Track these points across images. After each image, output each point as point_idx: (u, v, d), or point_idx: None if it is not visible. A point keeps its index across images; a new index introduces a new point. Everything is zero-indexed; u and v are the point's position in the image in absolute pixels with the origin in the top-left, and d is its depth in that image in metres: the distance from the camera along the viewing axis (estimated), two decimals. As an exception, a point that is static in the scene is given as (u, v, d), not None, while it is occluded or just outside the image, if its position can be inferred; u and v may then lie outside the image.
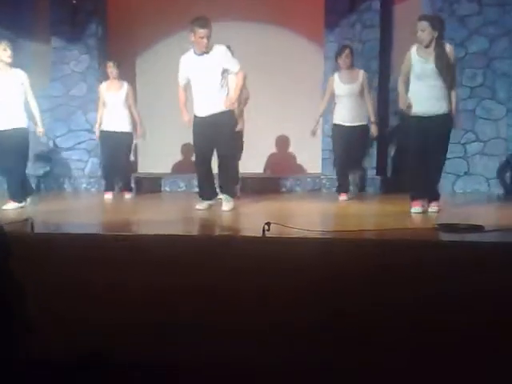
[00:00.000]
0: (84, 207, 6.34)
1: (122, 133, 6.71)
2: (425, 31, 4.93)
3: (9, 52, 5.61)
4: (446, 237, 4.04)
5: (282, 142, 8.20)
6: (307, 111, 7.73)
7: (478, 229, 4.09)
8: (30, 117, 5.81)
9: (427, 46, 4.97)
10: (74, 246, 3.62)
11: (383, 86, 7.25)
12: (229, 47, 5.50)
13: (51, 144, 7.75)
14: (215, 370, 1.69)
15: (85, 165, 7.77)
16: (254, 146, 6.87)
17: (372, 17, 7.23)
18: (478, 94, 6.85)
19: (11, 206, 5.60)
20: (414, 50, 5.06)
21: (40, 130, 5.91)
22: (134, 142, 6.99)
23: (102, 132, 6.79)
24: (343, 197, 6.36)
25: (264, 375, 1.66)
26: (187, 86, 5.46)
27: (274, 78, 7.64)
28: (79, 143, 7.74)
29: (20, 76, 5.69)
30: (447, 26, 5.52)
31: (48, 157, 7.75)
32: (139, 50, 8.15)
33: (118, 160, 6.76)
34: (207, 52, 5.23)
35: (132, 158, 7.33)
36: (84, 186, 7.69)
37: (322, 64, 7.40)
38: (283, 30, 7.87)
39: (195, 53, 5.29)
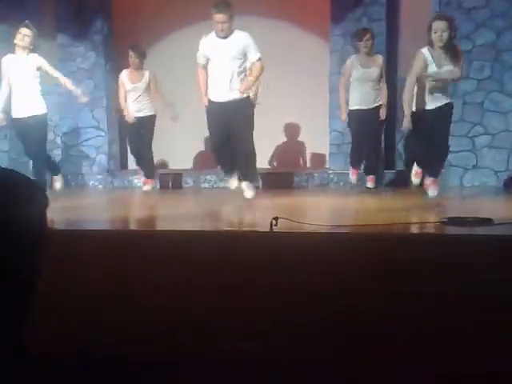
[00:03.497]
0: (93, 203, 6.36)
1: (143, 117, 6.65)
2: (445, 32, 4.90)
3: (28, 37, 5.59)
4: (454, 230, 4.02)
5: (288, 136, 8.18)
6: (313, 105, 7.72)
7: (486, 222, 4.06)
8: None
9: (442, 47, 4.93)
10: (84, 243, 3.63)
11: (390, 80, 7.21)
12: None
13: (58, 141, 7.77)
14: (225, 365, 1.68)
15: (92, 162, 7.78)
16: (259, 141, 6.85)
17: (378, 10, 7.19)
18: (486, 87, 6.80)
19: None
20: (426, 53, 5.01)
21: (83, 98, 5.93)
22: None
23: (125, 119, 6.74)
24: (353, 176, 6.29)
25: (279, 371, 1.66)
26: (206, 68, 5.37)
27: (279, 72, 7.61)
28: (86, 140, 7.75)
29: (35, 60, 5.68)
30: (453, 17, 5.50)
31: (55, 154, 7.77)
32: (145, 46, 8.14)
33: (141, 145, 6.71)
34: (227, 36, 5.20)
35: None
36: (92, 182, 7.71)
37: (327, 58, 7.37)
38: (288, 23, 7.84)
39: (216, 35, 5.25)
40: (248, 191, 5.38)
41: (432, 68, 4.97)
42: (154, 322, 2.05)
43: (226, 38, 5.23)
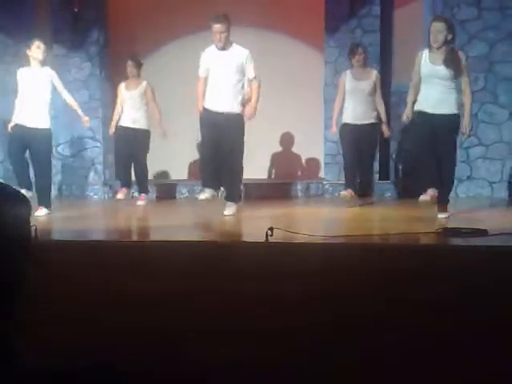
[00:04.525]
0: (88, 214, 6.34)
1: (138, 129, 6.69)
2: (441, 33, 4.91)
3: (42, 49, 5.70)
4: (449, 241, 4.04)
5: (284, 147, 8.21)
6: (308, 116, 7.75)
7: (481, 233, 4.08)
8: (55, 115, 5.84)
9: (439, 48, 4.94)
10: (78, 253, 3.62)
11: (384, 91, 7.26)
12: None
13: (54, 151, 7.77)
14: (220, 373, 1.68)
15: (88, 172, 7.78)
16: (255, 152, 6.88)
17: (372, 22, 7.24)
18: (480, 98, 6.85)
19: (42, 212, 5.62)
20: (424, 52, 5.02)
21: (85, 118, 5.96)
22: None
23: (118, 128, 6.77)
24: (348, 193, 6.16)
25: (267, 378, 1.66)
26: (207, 80, 5.49)
27: (274, 83, 7.65)
28: (82, 150, 7.75)
29: (48, 73, 5.77)
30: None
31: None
32: (141, 56, 8.17)
33: (133, 158, 6.72)
34: (227, 48, 5.38)
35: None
36: (87, 193, 7.70)
37: (322, 69, 7.41)
38: (283, 35, 7.89)
39: (216, 47, 5.43)
40: (228, 210, 5.40)
41: (426, 65, 4.98)
42: (150, 331, 2.05)
43: (225, 49, 5.40)
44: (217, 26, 5.31)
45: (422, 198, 5.07)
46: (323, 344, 1.93)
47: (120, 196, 6.73)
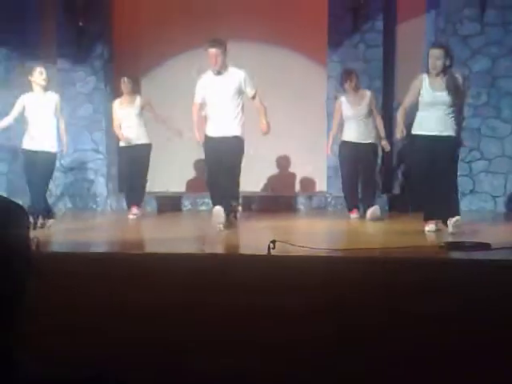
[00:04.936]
0: (91, 226, 6.35)
1: (139, 145, 6.72)
2: (439, 60, 4.97)
3: (44, 75, 5.79)
4: (452, 255, 4.03)
5: (286, 160, 8.22)
6: (310, 130, 7.77)
7: (484, 247, 4.07)
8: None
9: (438, 74, 5.00)
10: (80, 265, 3.62)
11: (387, 105, 7.29)
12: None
13: (57, 164, 7.80)
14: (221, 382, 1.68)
15: (91, 184, 7.79)
16: (257, 165, 6.90)
17: (375, 37, 7.28)
18: (483, 113, 6.86)
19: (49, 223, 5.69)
20: (423, 78, 5.07)
21: (64, 148, 6.16)
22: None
23: (120, 148, 6.81)
24: (354, 214, 6.27)
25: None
26: (203, 106, 5.56)
27: (277, 98, 7.69)
28: (85, 163, 7.78)
29: (53, 99, 5.88)
30: (450, 46, 5.56)
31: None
32: (145, 71, 8.22)
33: (135, 172, 6.76)
34: (223, 73, 5.42)
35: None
36: (90, 205, 7.71)
37: (324, 83, 7.44)
38: (286, 49, 7.93)
39: (213, 72, 5.47)
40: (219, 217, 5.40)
41: (427, 92, 5.03)
42: (152, 342, 2.05)
43: (221, 73, 5.44)
44: (212, 51, 5.36)
45: (428, 228, 5.05)
46: (325, 357, 1.93)
47: (133, 215, 6.70)
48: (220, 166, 5.43)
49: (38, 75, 5.76)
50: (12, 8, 7.60)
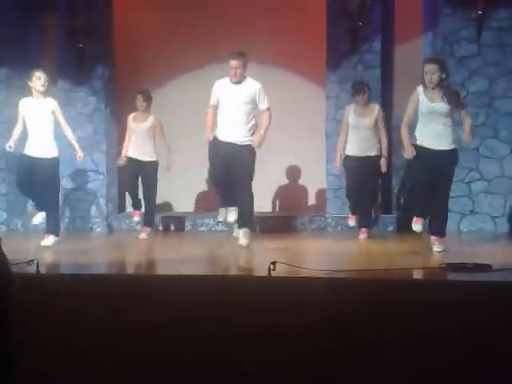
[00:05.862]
0: (92, 247, 6.34)
1: (146, 162, 6.73)
2: (435, 74, 5.02)
3: (42, 80, 5.75)
4: (453, 276, 4.02)
5: (286, 180, 8.23)
6: (310, 150, 7.79)
7: (485, 268, 4.06)
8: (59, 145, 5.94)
9: (434, 88, 5.05)
10: (80, 287, 3.61)
11: (385, 125, 7.32)
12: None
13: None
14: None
15: (90, 205, 7.79)
16: (258, 185, 6.89)
17: (373, 58, 7.33)
18: (481, 133, 6.89)
19: (50, 240, 5.65)
20: (419, 90, 5.12)
21: (79, 154, 6.07)
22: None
23: (128, 159, 6.83)
24: (363, 234, 6.32)
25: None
26: (217, 109, 5.60)
27: (275, 118, 7.71)
28: (85, 184, 7.78)
29: (50, 104, 5.85)
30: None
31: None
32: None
33: (145, 193, 6.79)
34: (240, 82, 5.50)
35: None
36: (90, 226, 7.70)
37: (323, 104, 7.49)
38: (285, 70, 7.98)
39: (230, 80, 5.54)
40: (243, 239, 5.44)
41: (424, 103, 5.07)
42: (153, 363, 2.04)
43: (238, 83, 5.51)
44: (233, 62, 5.47)
45: (415, 227, 5.13)
46: (325, 376, 1.92)
47: (143, 236, 6.68)
48: (228, 172, 5.48)
49: (36, 80, 5.74)
50: (13, 28, 7.67)
